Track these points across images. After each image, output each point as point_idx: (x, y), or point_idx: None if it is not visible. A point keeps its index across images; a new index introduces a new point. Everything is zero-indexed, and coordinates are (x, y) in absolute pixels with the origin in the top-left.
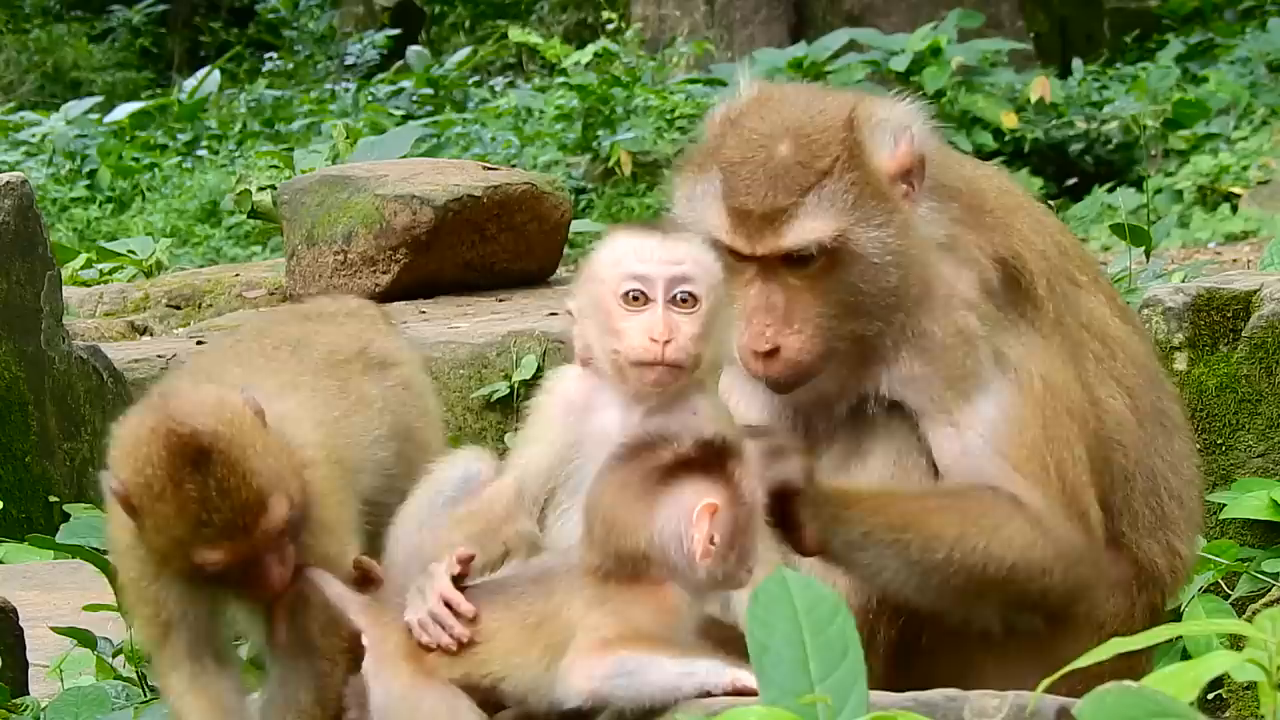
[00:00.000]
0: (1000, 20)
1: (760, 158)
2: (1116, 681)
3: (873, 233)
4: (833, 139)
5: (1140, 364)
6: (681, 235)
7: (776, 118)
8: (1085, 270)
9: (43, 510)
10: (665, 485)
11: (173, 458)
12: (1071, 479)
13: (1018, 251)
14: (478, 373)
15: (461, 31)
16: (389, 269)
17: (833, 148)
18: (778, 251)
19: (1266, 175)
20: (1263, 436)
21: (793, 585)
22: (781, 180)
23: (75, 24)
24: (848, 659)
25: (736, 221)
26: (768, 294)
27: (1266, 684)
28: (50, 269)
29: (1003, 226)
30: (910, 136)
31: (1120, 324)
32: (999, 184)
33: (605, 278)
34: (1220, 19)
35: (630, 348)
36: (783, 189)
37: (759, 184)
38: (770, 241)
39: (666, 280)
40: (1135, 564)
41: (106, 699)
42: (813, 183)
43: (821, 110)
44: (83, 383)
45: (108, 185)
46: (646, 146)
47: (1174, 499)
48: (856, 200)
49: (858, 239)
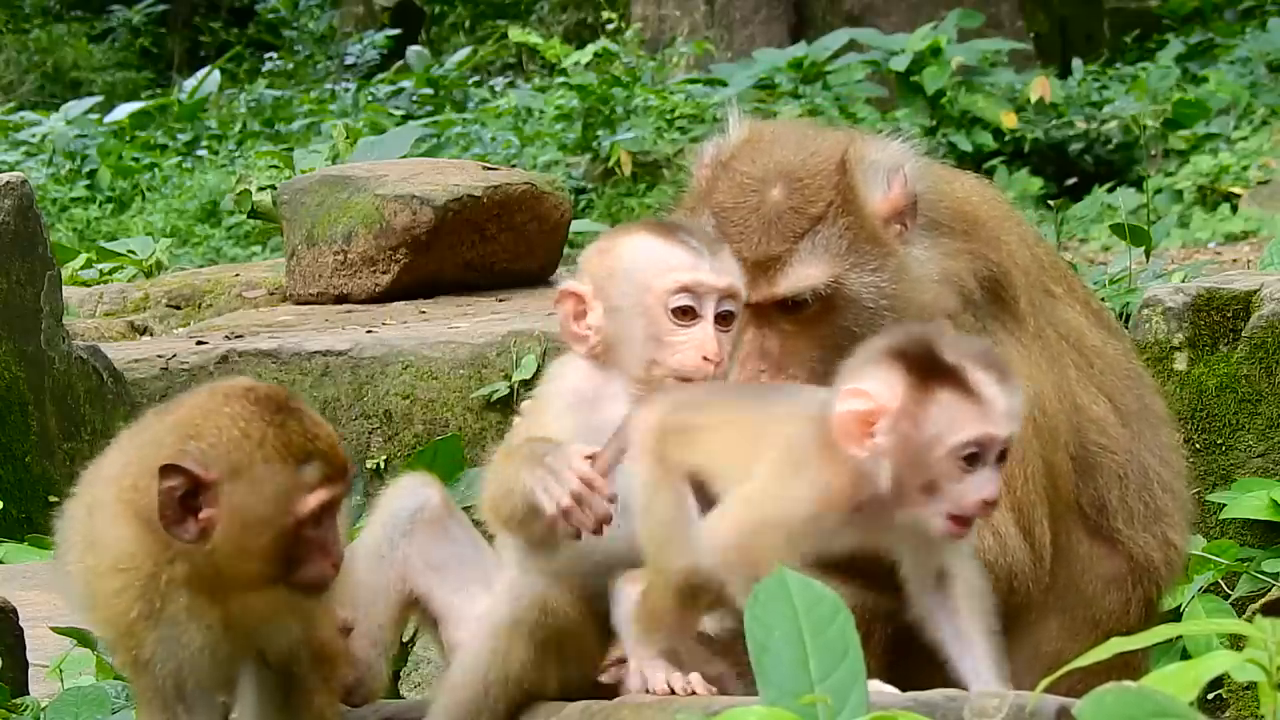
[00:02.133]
0: (1000, 20)
1: (752, 203)
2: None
3: (867, 277)
4: (825, 183)
5: (1118, 366)
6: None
7: (768, 160)
8: (1060, 281)
9: (43, 510)
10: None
11: (262, 407)
12: (1020, 496)
13: (1004, 267)
14: (478, 373)
15: (461, 31)
16: (389, 269)
17: (826, 192)
18: (772, 298)
19: (1266, 175)
20: (1263, 436)
21: (793, 585)
22: (775, 226)
23: (75, 24)
24: (848, 659)
25: None
26: (761, 339)
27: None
28: (50, 269)
29: (993, 242)
30: (903, 178)
31: (1096, 330)
32: (987, 196)
33: (653, 286)
34: (1220, 19)
35: (681, 364)
36: (776, 235)
37: (752, 230)
38: (764, 289)
39: (718, 297)
40: (1130, 559)
41: (106, 699)
42: (806, 229)
43: (813, 153)
44: (83, 383)
45: (108, 185)
46: (646, 146)
47: (1166, 491)
48: (851, 245)
49: (852, 284)
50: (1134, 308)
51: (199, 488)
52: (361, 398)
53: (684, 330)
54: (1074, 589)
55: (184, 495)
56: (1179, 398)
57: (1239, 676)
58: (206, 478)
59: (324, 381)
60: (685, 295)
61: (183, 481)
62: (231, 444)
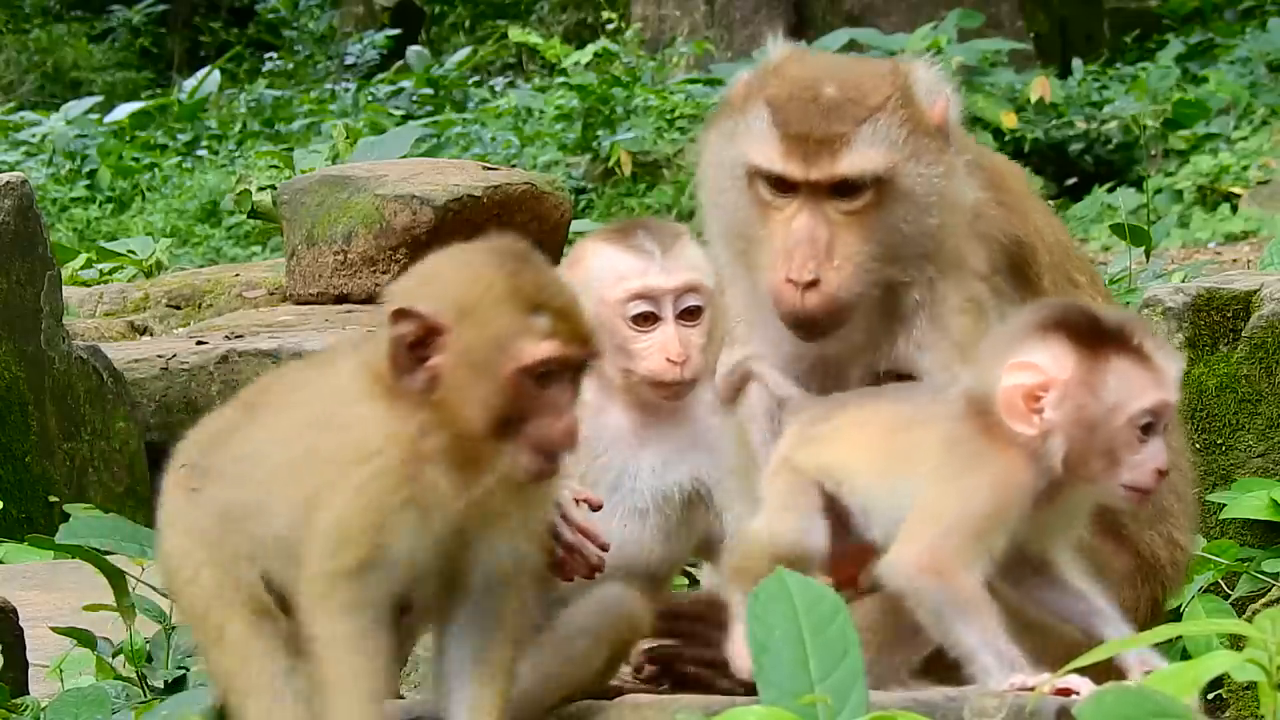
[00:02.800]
0: (1000, 20)
1: (810, 95)
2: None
3: (923, 169)
4: (882, 81)
5: None
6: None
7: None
8: (1083, 271)
9: (43, 510)
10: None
11: (499, 255)
12: None
13: (1030, 242)
14: None
15: (461, 31)
16: (389, 269)
17: (884, 87)
18: (833, 178)
19: (1266, 175)
20: (1263, 436)
21: (793, 585)
22: (835, 111)
23: (75, 24)
24: (848, 659)
25: (790, 148)
26: (812, 226)
27: (1266, 684)
28: (50, 269)
29: (1020, 211)
30: (946, 99)
31: None
32: (1015, 171)
33: (608, 298)
34: (1220, 19)
35: (650, 370)
36: (837, 118)
37: (813, 114)
38: (826, 167)
39: (675, 296)
40: (1138, 556)
41: (106, 699)
42: (866, 116)
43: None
44: (83, 383)
45: (108, 185)
46: (646, 146)
47: (1172, 492)
48: (909, 136)
49: (909, 174)
50: (1134, 308)
51: (429, 334)
52: None
53: (646, 336)
54: None
55: (414, 342)
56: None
57: (1239, 676)
58: (435, 322)
59: None
60: (640, 302)
61: (413, 327)
62: (461, 288)
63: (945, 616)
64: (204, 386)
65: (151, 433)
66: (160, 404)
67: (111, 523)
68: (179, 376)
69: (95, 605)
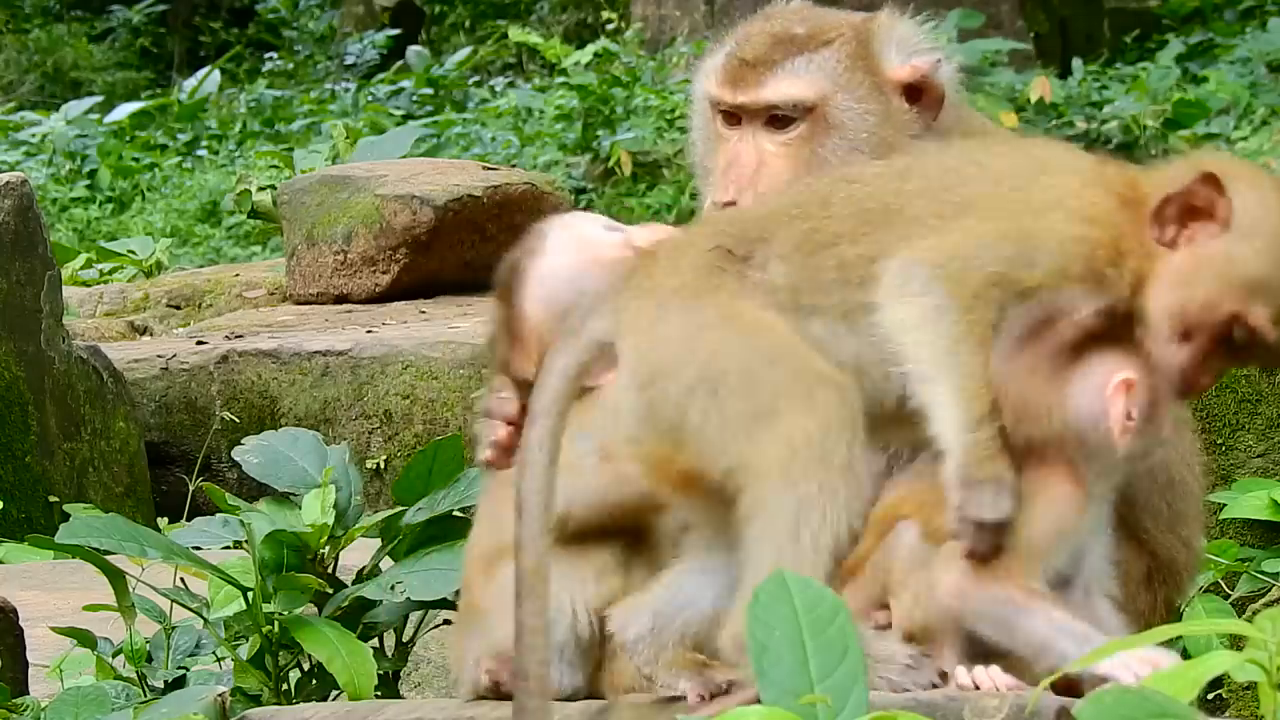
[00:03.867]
0: (1000, 20)
1: (772, 27)
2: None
3: (855, 105)
4: (844, 23)
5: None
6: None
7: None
8: None
9: (43, 510)
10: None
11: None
12: None
13: None
14: (478, 373)
15: (461, 31)
16: (389, 269)
17: (841, 29)
18: (759, 102)
19: None
20: (1263, 436)
21: (793, 585)
22: (783, 42)
23: (75, 24)
24: (848, 659)
25: (729, 73)
26: (741, 151)
27: (1266, 684)
28: (50, 269)
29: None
30: (927, 65)
31: None
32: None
33: None
34: (1220, 19)
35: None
36: (780, 48)
37: (761, 43)
38: (753, 91)
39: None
40: (1155, 558)
41: (106, 699)
42: (806, 47)
43: (850, 14)
44: (83, 383)
45: (108, 185)
46: (646, 146)
47: (1188, 494)
48: (847, 71)
49: (840, 107)
50: None
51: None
52: (361, 398)
53: None
54: None
55: (1190, 207)
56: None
57: (1239, 676)
58: (1216, 209)
59: (324, 381)
60: None
61: (1202, 196)
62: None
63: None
64: (204, 386)
65: (151, 433)
66: (160, 404)
67: (111, 523)
68: (179, 376)
69: (95, 605)
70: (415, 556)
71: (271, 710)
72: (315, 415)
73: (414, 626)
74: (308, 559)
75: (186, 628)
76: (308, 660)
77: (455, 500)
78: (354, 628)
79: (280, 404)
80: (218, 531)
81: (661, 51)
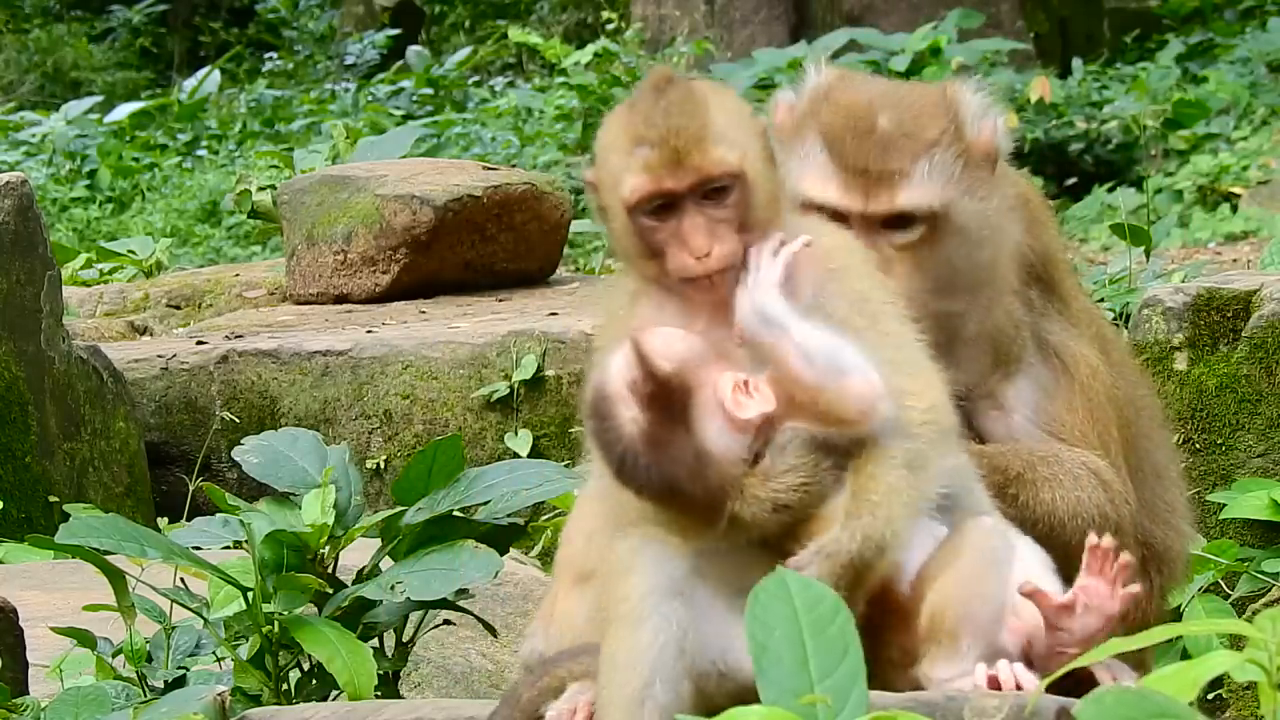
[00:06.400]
0: (1000, 20)
1: (865, 125)
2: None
3: (976, 205)
4: (935, 111)
5: (1128, 361)
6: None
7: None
8: (1076, 276)
9: (43, 510)
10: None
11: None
12: (1113, 457)
13: (1052, 249)
14: (478, 373)
15: (461, 31)
16: (389, 269)
17: (938, 120)
18: (892, 210)
19: (1266, 175)
20: (1263, 436)
21: (793, 585)
22: (892, 145)
23: (75, 24)
24: (848, 659)
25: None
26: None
27: (1266, 684)
28: (50, 269)
29: (1040, 221)
30: (993, 124)
31: (1109, 326)
32: (1029, 182)
33: None
34: (1220, 19)
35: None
36: (894, 152)
37: (870, 147)
38: (883, 201)
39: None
40: (1149, 548)
41: (106, 699)
42: (922, 151)
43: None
44: (83, 383)
45: (108, 185)
46: None
47: (1175, 487)
48: (963, 170)
49: (962, 210)
50: (1134, 308)
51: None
52: (361, 398)
53: None
54: None
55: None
56: (1179, 398)
57: (1239, 676)
58: (589, 176)
59: (324, 381)
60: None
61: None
62: (601, 136)
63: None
64: (204, 386)
65: (151, 433)
66: (160, 404)
67: (111, 523)
68: (179, 376)
69: (95, 605)
70: (415, 556)
71: (271, 710)
72: (315, 415)
73: (414, 626)
74: (308, 559)
75: (186, 628)
76: (308, 660)
77: (455, 500)
78: (354, 628)
79: (280, 404)
80: (218, 531)
81: (661, 51)
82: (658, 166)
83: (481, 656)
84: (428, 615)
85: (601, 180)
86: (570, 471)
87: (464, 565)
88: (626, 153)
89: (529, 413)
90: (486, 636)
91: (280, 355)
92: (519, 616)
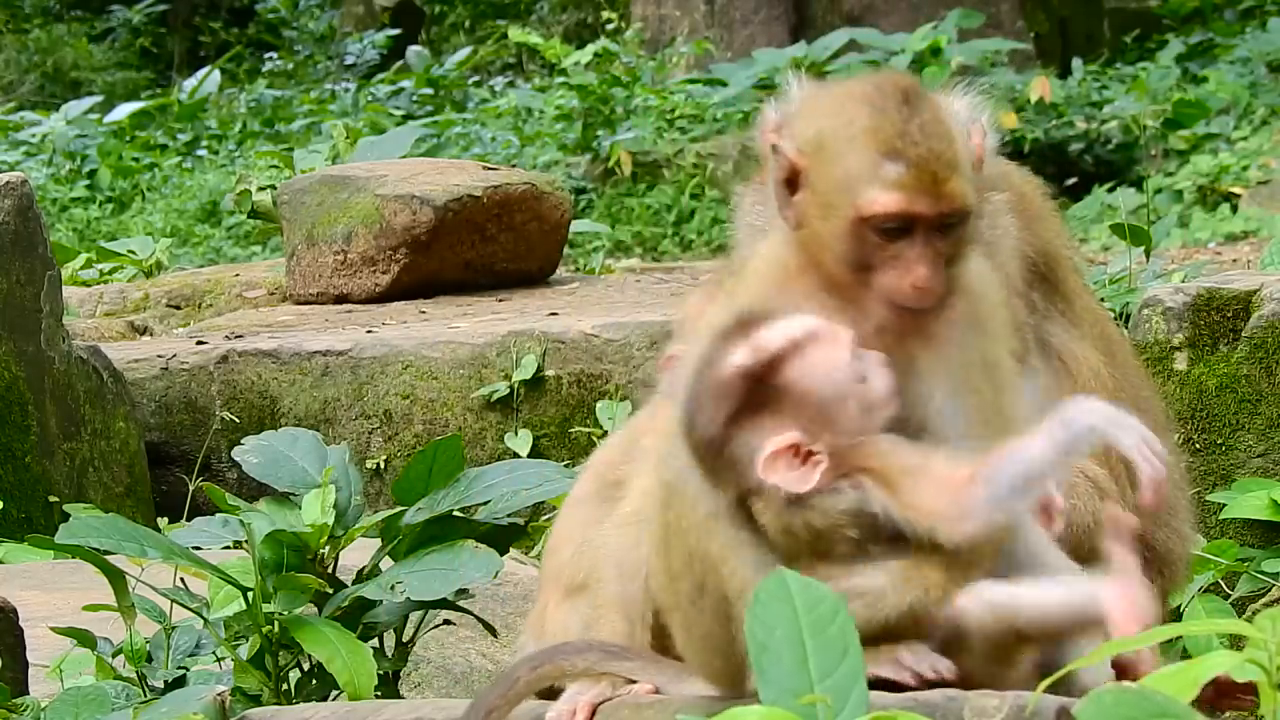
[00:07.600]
0: (1000, 20)
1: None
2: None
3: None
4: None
5: (1133, 362)
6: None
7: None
8: (1081, 274)
9: (43, 510)
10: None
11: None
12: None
13: (1055, 246)
14: (478, 373)
15: (461, 31)
16: (389, 269)
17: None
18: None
19: (1266, 175)
20: (1263, 436)
21: (793, 585)
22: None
23: (75, 24)
24: (848, 659)
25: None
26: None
27: (1266, 684)
28: (50, 269)
29: (1038, 220)
30: (981, 130)
31: (1113, 325)
32: (1030, 178)
33: None
34: (1220, 19)
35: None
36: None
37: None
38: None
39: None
40: (1151, 550)
41: (106, 699)
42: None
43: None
44: (83, 383)
45: (108, 185)
46: (646, 146)
47: (1177, 489)
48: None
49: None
50: (1134, 308)
51: (793, 171)
52: (361, 398)
53: None
54: None
55: (786, 179)
56: (1179, 398)
57: (1239, 676)
58: (797, 160)
59: (324, 381)
60: None
61: (782, 163)
62: (823, 122)
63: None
64: (204, 386)
65: (151, 433)
66: (160, 404)
67: (111, 523)
68: (179, 376)
69: (95, 605)
70: (415, 556)
71: (271, 710)
72: (315, 415)
73: (414, 626)
74: (308, 559)
75: (186, 628)
76: (308, 660)
77: (455, 500)
78: (354, 628)
79: (280, 404)
80: (218, 531)
81: (661, 51)
82: (911, 188)
83: (481, 656)
84: (428, 615)
85: (824, 173)
86: (570, 471)
87: (464, 565)
88: (873, 162)
89: (529, 413)
90: (486, 636)
91: (280, 355)
92: (519, 616)
